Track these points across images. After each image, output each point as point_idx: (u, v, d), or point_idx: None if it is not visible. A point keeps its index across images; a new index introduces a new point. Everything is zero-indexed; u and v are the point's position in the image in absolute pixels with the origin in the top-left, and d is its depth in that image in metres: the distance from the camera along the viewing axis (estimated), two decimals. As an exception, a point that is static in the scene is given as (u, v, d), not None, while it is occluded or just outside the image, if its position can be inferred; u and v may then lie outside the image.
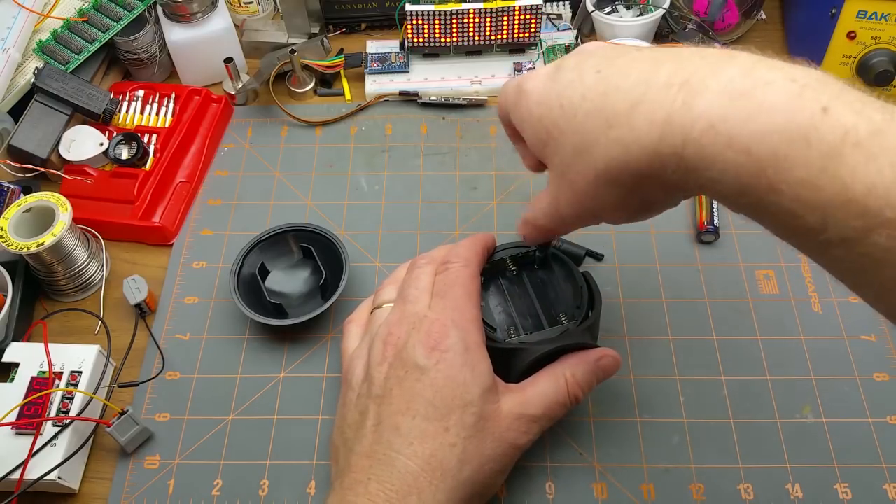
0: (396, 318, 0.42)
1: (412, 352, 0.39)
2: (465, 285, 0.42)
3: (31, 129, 0.58)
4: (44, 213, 0.52)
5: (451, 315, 0.40)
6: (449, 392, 0.38)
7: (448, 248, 0.45)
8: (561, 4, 0.72)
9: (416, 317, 0.41)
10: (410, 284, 0.43)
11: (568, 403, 0.41)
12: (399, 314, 0.42)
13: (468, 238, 0.46)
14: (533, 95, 0.35)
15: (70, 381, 0.46)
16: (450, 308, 0.41)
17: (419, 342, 0.39)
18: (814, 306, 0.52)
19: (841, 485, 0.45)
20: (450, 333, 0.40)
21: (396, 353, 0.40)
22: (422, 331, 0.40)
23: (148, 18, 0.65)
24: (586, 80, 0.32)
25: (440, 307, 0.41)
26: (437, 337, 0.39)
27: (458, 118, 0.65)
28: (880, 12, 0.57)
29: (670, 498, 0.44)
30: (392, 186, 0.61)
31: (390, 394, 0.39)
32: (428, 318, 0.40)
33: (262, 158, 0.63)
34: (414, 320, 0.41)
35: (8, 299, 0.51)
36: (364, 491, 0.36)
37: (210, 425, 0.48)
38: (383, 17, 0.72)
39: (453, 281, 0.42)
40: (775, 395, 0.48)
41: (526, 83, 0.36)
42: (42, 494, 0.45)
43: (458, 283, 0.42)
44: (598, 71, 0.32)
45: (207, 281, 0.55)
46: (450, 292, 0.42)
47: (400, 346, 0.40)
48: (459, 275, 0.43)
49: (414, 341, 0.40)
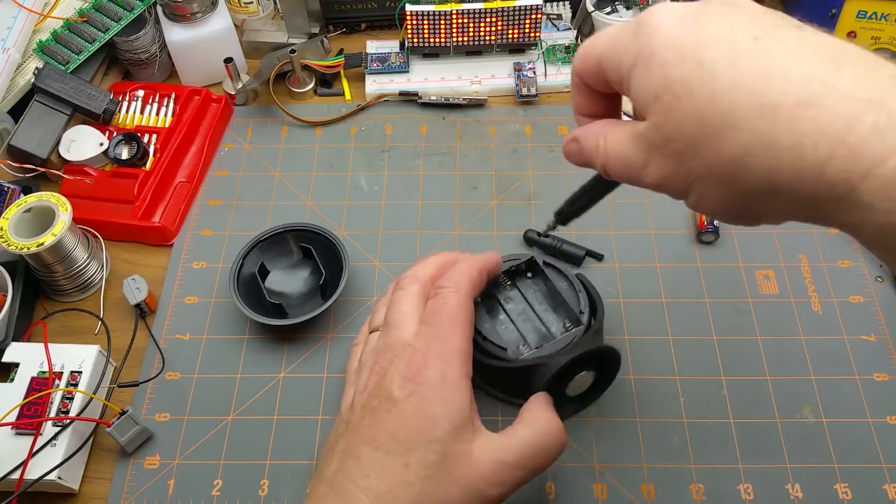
0: (382, 344, 0.40)
1: (389, 382, 0.37)
2: (453, 313, 0.39)
3: (31, 129, 0.58)
4: (44, 213, 0.52)
5: (433, 345, 0.38)
6: (414, 426, 0.36)
7: (436, 264, 0.43)
8: (561, 4, 0.72)
9: (400, 344, 0.39)
10: (393, 308, 0.41)
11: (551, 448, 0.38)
12: (384, 341, 0.40)
13: (467, 262, 0.43)
14: (661, 32, 0.28)
15: (70, 381, 0.46)
16: (433, 337, 0.38)
17: (397, 372, 0.37)
18: (814, 306, 0.52)
19: (841, 485, 0.45)
20: (429, 364, 0.37)
21: (377, 382, 0.38)
22: (403, 360, 0.38)
23: (148, 18, 0.65)
24: (739, 44, 0.26)
25: (424, 335, 0.39)
26: (415, 368, 0.37)
27: (458, 118, 0.65)
28: (880, 12, 0.57)
29: (670, 498, 0.44)
30: (392, 186, 0.61)
31: (361, 423, 0.37)
32: (411, 347, 0.38)
33: (262, 158, 0.63)
34: (398, 348, 0.39)
35: (8, 299, 0.51)
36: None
37: (210, 425, 0.48)
38: (383, 17, 0.71)
39: (440, 308, 0.39)
40: (775, 395, 0.48)
41: (651, 16, 0.29)
42: (42, 494, 0.45)
43: (445, 311, 0.39)
44: (755, 38, 0.26)
45: (207, 281, 0.55)
46: (435, 320, 0.39)
47: (381, 374, 0.38)
48: (447, 301, 0.40)
49: (393, 370, 0.38)
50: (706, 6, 0.28)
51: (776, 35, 0.26)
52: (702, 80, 0.26)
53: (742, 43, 0.26)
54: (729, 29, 0.27)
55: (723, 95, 0.26)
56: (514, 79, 0.66)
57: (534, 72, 0.66)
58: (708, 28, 0.27)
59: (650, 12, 0.29)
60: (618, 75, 0.30)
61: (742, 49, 0.26)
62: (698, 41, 0.27)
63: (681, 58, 0.27)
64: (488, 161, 0.62)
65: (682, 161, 0.28)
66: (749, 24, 0.27)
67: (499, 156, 0.62)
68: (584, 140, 0.33)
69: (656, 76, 0.28)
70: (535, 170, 0.61)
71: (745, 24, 0.27)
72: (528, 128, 0.64)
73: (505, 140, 0.63)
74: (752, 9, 0.28)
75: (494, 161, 0.62)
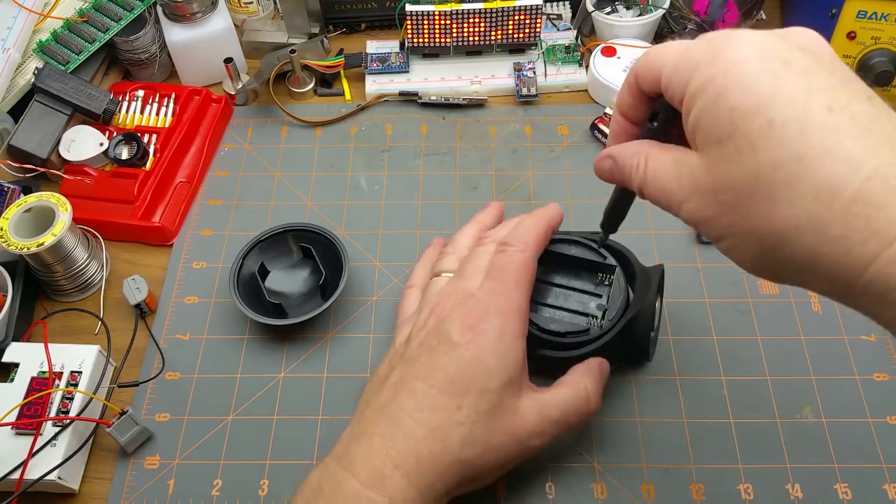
0: (449, 290, 0.43)
1: (450, 325, 0.40)
2: (517, 271, 0.42)
3: (31, 129, 0.58)
4: (44, 213, 0.52)
5: (496, 299, 0.41)
6: (471, 373, 0.39)
7: (514, 224, 0.45)
8: (561, 4, 0.72)
9: (466, 293, 0.42)
10: (471, 261, 0.44)
11: (585, 409, 0.42)
12: (452, 287, 0.43)
13: (534, 215, 0.45)
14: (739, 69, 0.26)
15: (70, 381, 0.46)
16: (497, 292, 0.41)
17: (458, 318, 0.40)
18: (814, 306, 0.52)
19: (841, 485, 0.45)
20: (489, 317, 0.40)
21: (437, 322, 0.41)
22: (465, 308, 0.40)
23: (148, 18, 0.65)
24: (813, 113, 0.25)
25: (488, 289, 0.41)
26: (475, 318, 0.40)
27: (458, 118, 0.65)
28: (880, 12, 0.57)
29: (670, 498, 0.44)
30: (392, 186, 0.61)
31: (419, 359, 0.40)
32: (474, 298, 0.41)
33: (262, 158, 0.63)
34: (462, 296, 0.41)
35: (8, 299, 0.51)
36: (367, 443, 0.38)
37: (210, 425, 0.48)
38: (383, 17, 0.72)
39: (506, 265, 0.42)
40: (775, 395, 0.48)
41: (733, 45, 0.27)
42: (42, 494, 0.45)
43: (510, 269, 0.42)
44: (829, 109, 0.25)
45: (207, 281, 0.55)
46: (500, 276, 0.42)
47: (443, 317, 0.41)
48: (513, 259, 0.42)
49: (455, 316, 0.40)
50: (790, 53, 0.26)
51: (850, 109, 0.25)
52: (768, 142, 0.25)
53: (816, 113, 0.25)
54: (806, 89, 0.25)
55: (785, 165, 0.25)
56: (514, 79, 0.66)
57: (534, 72, 0.66)
58: (787, 82, 0.26)
59: (732, 39, 0.27)
60: (680, 93, 0.29)
61: (815, 119, 0.25)
62: (774, 95, 0.25)
63: (753, 109, 0.26)
64: (488, 161, 0.62)
65: (725, 212, 0.27)
66: (826, 88, 0.25)
67: (499, 156, 0.62)
68: (620, 158, 0.33)
69: (723, 118, 0.26)
70: (535, 170, 0.61)
71: (822, 86, 0.25)
72: (528, 128, 0.64)
73: (505, 140, 0.63)
74: (831, 63, 0.27)
75: (494, 161, 0.62)
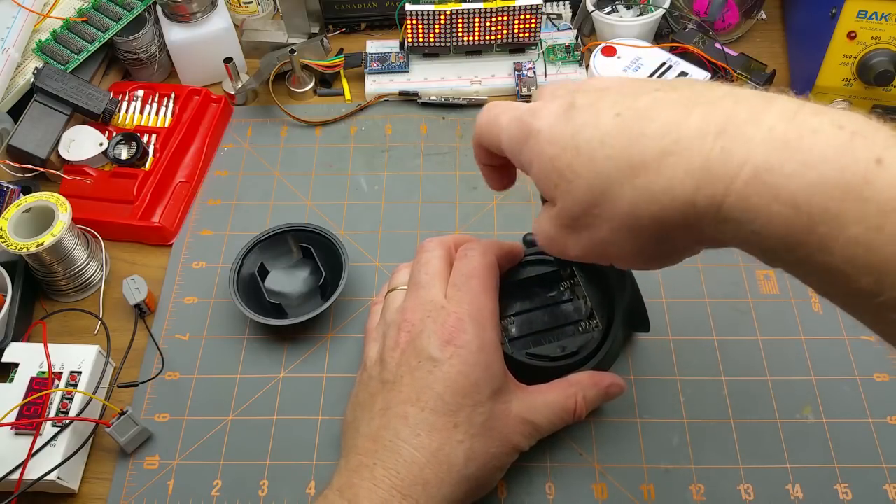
0: (410, 303, 0.42)
1: (426, 342, 0.39)
2: (482, 277, 0.41)
3: (31, 129, 0.58)
4: (43, 213, 0.52)
5: (467, 309, 0.40)
6: (460, 389, 0.38)
7: (458, 237, 0.45)
8: (561, 4, 0.72)
9: (432, 305, 0.41)
10: (421, 269, 0.43)
11: (570, 421, 0.43)
12: (414, 299, 0.42)
13: (490, 240, 0.46)
14: (543, 134, 0.32)
15: (70, 381, 0.46)
16: (466, 301, 0.40)
17: (434, 333, 0.39)
18: (814, 306, 0.52)
19: (841, 485, 0.45)
20: (466, 328, 0.39)
21: (410, 340, 0.40)
22: (437, 321, 0.40)
23: (147, 18, 0.65)
24: (604, 124, 0.30)
25: (457, 299, 0.41)
26: (451, 330, 0.39)
27: (457, 118, 0.65)
28: (880, 12, 0.57)
29: (670, 498, 0.44)
30: (392, 186, 0.61)
31: (401, 381, 0.39)
32: (445, 310, 0.40)
33: (262, 158, 0.63)
34: (430, 308, 0.40)
35: (7, 299, 0.51)
36: (370, 475, 0.37)
37: (210, 425, 0.48)
38: (383, 17, 0.71)
39: (471, 272, 0.42)
40: (775, 395, 0.48)
41: (535, 121, 0.33)
42: (42, 494, 0.45)
43: (475, 275, 0.41)
44: (617, 114, 0.30)
45: (207, 281, 0.55)
46: (467, 284, 0.41)
47: (415, 333, 0.40)
48: (477, 265, 0.42)
49: (429, 331, 0.39)
50: (575, 95, 0.32)
51: (635, 105, 0.30)
52: (582, 162, 0.30)
53: (606, 122, 0.30)
54: (594, 113, 0.30)
55: (603, 168, 0.29)
56: (514, 79, 0.66)
57: (534, 72, 0.66)
58: (578, 117, 0.31)
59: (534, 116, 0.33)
60: (519, 164, 0.35)
61: (606, 127, 0.30)
62: (572, 132, 0.31)
63: (562, 149, 0.31)
64: (488, 161, 0.62)
65: (591, 231, 0.32)
66: (612, 103, 0.30)
67: (499, 156, 0.62)
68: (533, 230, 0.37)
69: (549, 169, 0.32)
70: (534, 170, 0.61)
71: (609, 103, 0.30)
72: (527, 128, 0.64)
73: (505, 140, 0.63)
74: (620, 86, 0.32)
75: (494, 161, 0.62)
